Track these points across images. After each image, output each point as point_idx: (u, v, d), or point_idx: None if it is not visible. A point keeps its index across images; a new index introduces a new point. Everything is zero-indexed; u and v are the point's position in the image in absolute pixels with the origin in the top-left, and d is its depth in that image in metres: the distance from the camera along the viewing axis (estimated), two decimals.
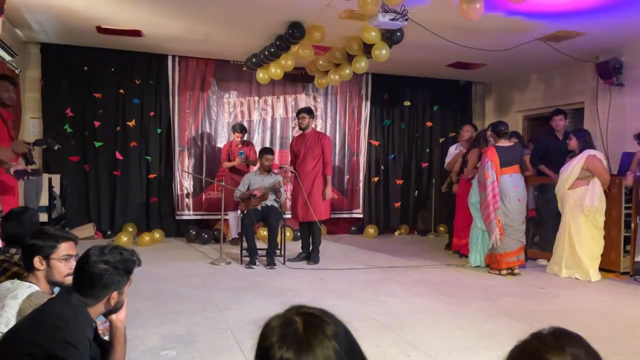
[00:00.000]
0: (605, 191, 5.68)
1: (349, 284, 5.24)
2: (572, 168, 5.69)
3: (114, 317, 2.02)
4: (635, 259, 5.60)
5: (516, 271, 5.77)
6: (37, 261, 2.21)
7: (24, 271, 2.32)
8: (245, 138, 7.61)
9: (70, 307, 1.86)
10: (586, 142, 5.73)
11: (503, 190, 5.71)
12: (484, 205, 5.78)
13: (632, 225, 5.69)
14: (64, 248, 2.27)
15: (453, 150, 7.46)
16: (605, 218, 5.67)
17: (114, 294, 1.95)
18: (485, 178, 5.72)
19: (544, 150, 6.53)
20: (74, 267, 2.05)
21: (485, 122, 9.44)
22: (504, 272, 5.78)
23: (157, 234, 7.47)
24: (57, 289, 2.26)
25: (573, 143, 5.79)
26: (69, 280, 2.10)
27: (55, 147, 4.65)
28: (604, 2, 5.12)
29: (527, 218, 6.04)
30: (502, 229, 5.67)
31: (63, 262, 2.25)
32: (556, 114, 6.63)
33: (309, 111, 6.48)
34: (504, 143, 5.87)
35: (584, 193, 5.62)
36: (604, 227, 5.73)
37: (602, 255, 5.74)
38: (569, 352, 0.99)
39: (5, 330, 1.94)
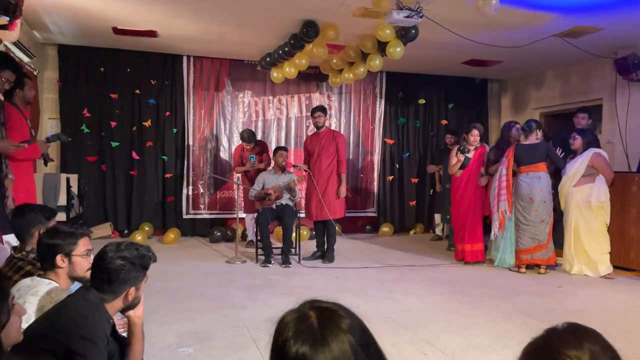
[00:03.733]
0: (609, 188, 5.72)
1: (364, 283, 5.23)
2: (578, 166, 5.71)
3: (131, 313, 2.04)
4: None
5: (542, 270, 5.74)
6: (60, 259, 2.25)
7: (37, 270, 2.36)
8: (259, 138, 7.58)
9: (88, 304, 1.88)
10: (589, 142, 5.77)
11: (516, 188, 5.82)
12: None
13: None
14: (83, 244, 2.32)
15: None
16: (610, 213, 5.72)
17: (132, 290, 1.97)
18: (495, 171, 6.04)
19: (563, 147, 6.43)
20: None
21: (501, 120, 9.36)
22: (523, 269, 5.77)
23: (173, 233, 7.52)
24: (74, 286, 2.29)
25: (578, 143, 5.81)
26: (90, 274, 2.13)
27: (67, 140, 4.91)
28: None
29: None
30: (503, 222, 5.89)
31: (84, 257, 2.30)
32: (581, 112, 6.53)
33: (323, 109, 6.50)
34: (529, 140, 5.83)
35: (590, 190, 5.66)
36: (622, 224, 5.76)
37: (620, 254, 5.74)
38: (586, 347, 0.98)
39: (25, 326, 1.97)
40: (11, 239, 3.47)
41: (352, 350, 1.00)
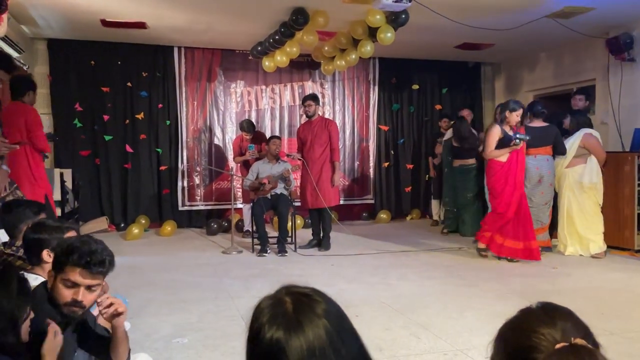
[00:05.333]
0: (602, 168, 5.73)
1: (360, 269, 5.25)
2: (570, 146, 5.72)
3: (115, 321, 1.94)
4: None
5: None
6: (46, 254, 2.24)
7: (27, 265, 2.35)
8: (256, 129, 7.57)
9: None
10: (579, 123, 5.77)
11: (525, 170, 5.66)
12: None
13: None
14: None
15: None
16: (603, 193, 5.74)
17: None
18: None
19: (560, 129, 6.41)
20: None
21: (495, 103, 9.33)
22: None
23: (169, 225, 7.52)
24: None
25: (567, 122, 5.89)
26: None
27: (55, 140, 5.30)
28: None
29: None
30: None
31: None
32: (578, 93, 6.51)
33: (314, 98, 6.45)
34: (536, 123, 5.75)
35: (582, 170, 5.68)
36: (616, 204, 5.78)
37: (615, 233, 5.78)
38: (559, 325, 1.00)
39: None
40: (1, 235, 3.48)
41: (327, 335, 1.00)
